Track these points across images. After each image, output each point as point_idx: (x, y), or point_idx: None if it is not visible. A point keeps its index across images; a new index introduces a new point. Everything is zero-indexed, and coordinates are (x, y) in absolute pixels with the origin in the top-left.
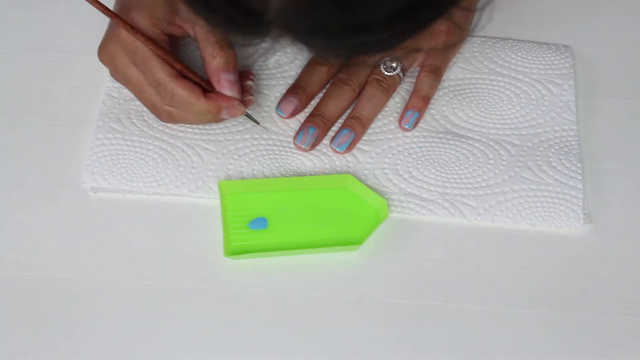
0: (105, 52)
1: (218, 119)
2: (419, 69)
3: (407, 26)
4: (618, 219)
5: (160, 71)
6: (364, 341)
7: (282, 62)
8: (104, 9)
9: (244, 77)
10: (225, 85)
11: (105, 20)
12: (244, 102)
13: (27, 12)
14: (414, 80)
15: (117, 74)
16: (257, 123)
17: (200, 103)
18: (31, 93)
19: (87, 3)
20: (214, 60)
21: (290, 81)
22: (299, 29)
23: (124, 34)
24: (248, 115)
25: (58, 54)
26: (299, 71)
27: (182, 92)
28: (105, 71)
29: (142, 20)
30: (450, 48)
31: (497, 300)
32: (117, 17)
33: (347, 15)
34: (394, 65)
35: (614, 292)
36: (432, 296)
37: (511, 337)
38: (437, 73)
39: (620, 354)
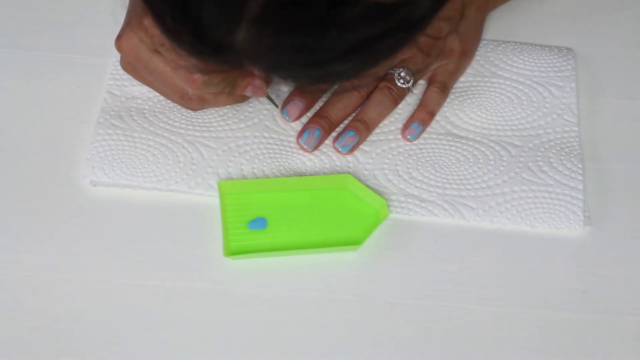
0: (127, 42)
1: (243, 97)
2: (424, 82)
3: (365, 58)
4: (619, 219)
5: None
6: (364, 341)
7: None
8: None
9: None
10: None
11: (104, 19)
12: (265, 82)
13: (27, 12)
14: (416, 92)
15: (139, 64)
16: (277, 106)
17: (234, 75)
18: (31, 93)
19: (86, 3)
20: None
21: None
22: (263, 63)
23: (150, 22)
24: (269, 97)
25: (58, 54)
26: None
27: (216, 72)
28: (105, 71)
29: None
30: (460, 70)
31: (497, 300)
32: None
33: (304, 54)
34: (408, 78)
35: (614, 292)
36: (432, 296)
37: (511, 337)
38: (445, 90)
39: (620, 354)
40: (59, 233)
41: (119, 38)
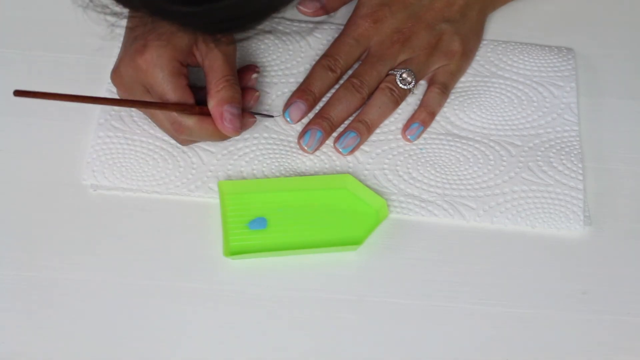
0: (120, 79)
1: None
2: (424, 82)
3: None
4: (619, 219)
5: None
6: (364, 341)
7: (284, 59)
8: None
9: (249, 70)
10: (228, 117)
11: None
12: (250, 99)
13: (27, 12)
14: (416, 93)
15: (132, 99)
16: (272, 116)
17: (215, 131)
18: None
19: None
20: (220, 92)
21: (293, 79)
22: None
23: (143, 64)
24: (260, 114)
25: (58, 54)
26: (301, 69)
27: (195, 125)
28: (105, 70)
29: (162, 55)
30: (461, 71)
31: (497, 300)
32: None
33: None
34: (410, 79)
35: (614, 292)
36: (432, 296)
37: (511, 337)
38: (445, 91)
39: (620, 354)
40: (59, 232)
41: (113, 72)
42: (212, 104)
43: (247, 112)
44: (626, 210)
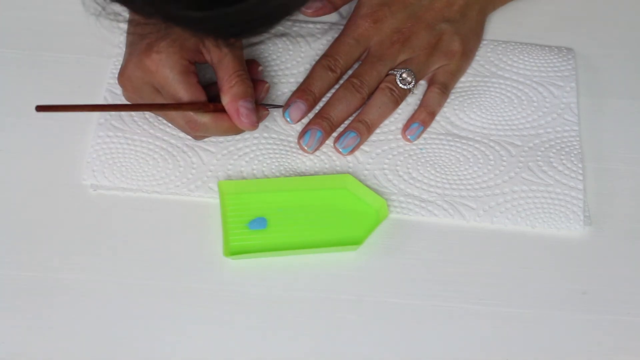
0: (129, 82)
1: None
2: (424, 82)
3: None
4: (619, 219)
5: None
6: (364, 341)
7: (285, 59)
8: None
9: (254, 64)
10: (244, 112)
11: (104, 19)
12: (261, 90)
13: (27, 12)
14: (416, 92)
15: (142, 101)
16: (282, 106)
17: (231, 126)
18: (31, 93)
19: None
20: (233, 88)
21: (293, 79)
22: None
23: (151, 65)
24: (271, 105)
25: (58, 54)
26: (301, 69)
27: (210, 122)
28: (105, 70)
29: (169, 54)
30: (461, 71)
31: (497, 300)
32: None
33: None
34: (410, 79)
35: (614, 292)
36: (432, 296)
37: (511, 337)
38: (445, 91)
39: (620, 354)
40: (59, 232)
41: (121, 75)
42: (226, 101)
43: (259, 104)
44: (626, 210)
